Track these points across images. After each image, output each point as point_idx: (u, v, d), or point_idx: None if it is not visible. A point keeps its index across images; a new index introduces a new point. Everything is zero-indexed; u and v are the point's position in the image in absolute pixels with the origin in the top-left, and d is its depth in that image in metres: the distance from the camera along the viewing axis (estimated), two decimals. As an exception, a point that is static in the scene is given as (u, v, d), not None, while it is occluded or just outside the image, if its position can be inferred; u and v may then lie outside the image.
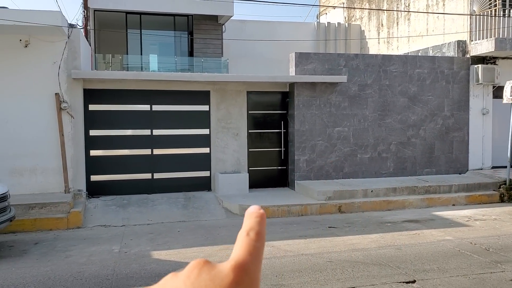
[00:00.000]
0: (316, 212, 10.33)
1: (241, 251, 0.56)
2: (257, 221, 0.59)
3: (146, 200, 11.00)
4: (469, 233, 8.50)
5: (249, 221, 0.59)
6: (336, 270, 6.42)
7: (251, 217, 0.60)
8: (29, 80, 10.35)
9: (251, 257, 0.55)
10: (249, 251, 0.56)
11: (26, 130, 10.35)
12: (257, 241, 0.57)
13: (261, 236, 0.58)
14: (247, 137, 12.19)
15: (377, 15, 18.32)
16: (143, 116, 11.56)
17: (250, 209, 0.61)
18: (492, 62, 13.33)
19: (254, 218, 0.60)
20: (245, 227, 0.59)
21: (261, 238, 0.58)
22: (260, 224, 0.59)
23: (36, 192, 10.34)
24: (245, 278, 0.53)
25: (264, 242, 0.58)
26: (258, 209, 0.61)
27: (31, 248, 7.88)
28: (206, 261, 0.54)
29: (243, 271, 0.53)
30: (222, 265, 0.54)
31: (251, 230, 0.58)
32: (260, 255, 0.57)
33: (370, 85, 12.40)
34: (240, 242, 0.57)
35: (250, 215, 0.60)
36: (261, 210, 0.61)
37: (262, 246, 0.57)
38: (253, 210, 0.61)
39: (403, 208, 10.81)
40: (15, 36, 10.22)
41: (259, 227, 0.58)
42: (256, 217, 0.60)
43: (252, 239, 0.57)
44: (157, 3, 14.81)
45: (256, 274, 0.55)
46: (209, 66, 15.21)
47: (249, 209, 0.62)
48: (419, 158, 12.88)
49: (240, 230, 0.59)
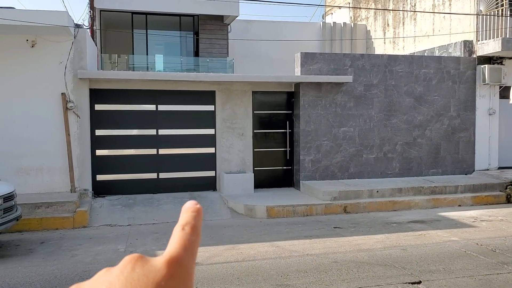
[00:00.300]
0: (322, 212, 10.31)
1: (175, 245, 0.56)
2: (193, 215, 0.60)
3: (151, 199, 11.03)
4: (475, 234, 8.45)
5: (185, 216, 0.60)
6: (342, 271, 6.41)
7: (187, 212, 0.60)
8: (35, 80, 10.41)
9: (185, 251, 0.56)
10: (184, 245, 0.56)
11: (33, 130, 10.40)
12: (192, 235, 0.58)
13: (196, 230, 0.58)
14: (253, 137, 12.19)
15: (383, 15, 18.27)
16: (148, 116, 11.59)
17: (186, 204, 0.62)
18: (499, 62, 13.26)
19: (190, 212, 0.60)
20: (181, 221, 0.59)
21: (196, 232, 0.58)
22: (195, 219, 0.59)
23: (42, 192, 10.39)
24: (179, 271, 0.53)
25: (200, 236, 0.59)
26: (194, 204, 0.61)
27: (37, 247, 7.92)
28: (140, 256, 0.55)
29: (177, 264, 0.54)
30: (156, 259, 0.54)
31: (186, 225, 0.58)
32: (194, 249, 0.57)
33: (376, 85, 12.37)
34: (175, 236, 0.57)
35: (186, 210, 0.61)
36: (198, 205, 0.61)
37: (197, 240, 0.58)
38: (190, 205, 0.61)
39: (408, 208, 10.78)
40: (22, 36, 10.28)
41: (195, 221, 0.59)
42: (192, 211, 0.60)
43: (187, 233, 0.57)
44: (162, 3, 14.85)
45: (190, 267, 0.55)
46: (214, 66, 15.23)
47: (186, 204, 0.62)
48: (425, 159, 12.83)
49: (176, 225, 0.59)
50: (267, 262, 6.84)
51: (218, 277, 6.17)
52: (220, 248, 7.67)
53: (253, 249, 7.52)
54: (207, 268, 6.57)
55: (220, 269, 6.50)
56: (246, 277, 6.17)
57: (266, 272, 6.38)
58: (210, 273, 6.35)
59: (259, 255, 7.21)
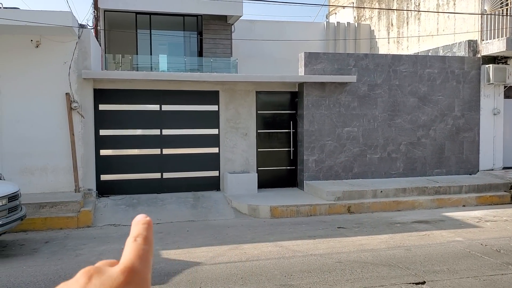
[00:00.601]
0: (325, 212, 10.30)
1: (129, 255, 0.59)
2: (144, 227, 0.63)
3: (155, 199, 11.04)
4: (479, 234, 8.43)
5: (136, 228, 0.63)
6: (345, 271, 6.40)
7: (138, 224, 0.64)
8: (40, 80, 10.44)
9: (139, 259, 0.59)
10: (138, 255, 0.59)
11: (37, 130, 10.44)
12: (144, 245, 0.61)
13: (148, 241, 0.62)
14: (256, 137, 12.19)
15: (387, 15, 18.23)
16: (152, 116, 11.61)
17: (137, 218, 0.65)
18: (504, 62, 13.21)
19: (141, 225, 0.64)
20: (133, 233, 0.62)
21: (148, 242, 0.61)
22: (146, 230, 0.63)
23: (47, 191, 10.42)
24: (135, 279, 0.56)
25: (152, 246, 0.62)
26: (144, 217, 0.65)
27: (41, 246, 7.94)
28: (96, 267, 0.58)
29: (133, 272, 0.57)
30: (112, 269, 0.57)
31: (138, 236, 0.62)
32: (148, 257, 0.60)
33: (379, 85, 12.34)
34: (128, 247, 0.60)
35: (137, 223, 0.64)
36: (148, 218, 0.65)
37: (150, 249, 0.61)
38: (140, 219, 0.65)
39: (412, 208, 10.75)
40: (27, 37, 10.31)
41: (146, 233, 0.62)
42: (143, 224, 0.64)
43: (139, 243, 0.61)
44: (166, 3, 14.87)
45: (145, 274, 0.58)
46: (218, 66, 15.23)
47: (136, 217, 0.65)
48: (429, 159, 12.80)
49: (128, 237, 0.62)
50: (271, 262, 6.84)
51: (222, 277, 6.17)
52: (224, 248, 7.67)
53: (256, 249, 7.52)
54: (211, 268, 6.58)
55: (224, 269, 6.51)
56: (250, 277, 6.17)
57: (270, 272, 6.37)
58: (214, 273, 6.35)
59: (263, 255, 7.21)
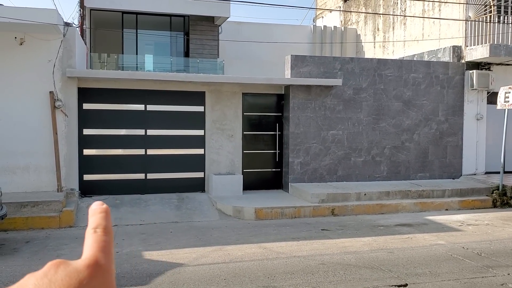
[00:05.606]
0: (310, 214, 10.33)
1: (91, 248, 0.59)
2: (102, 216, 0.62)
3: (139, 200, 10.96)
4: (461, 237, 8.52)
5: (94, 218, 0.62)
6: (328, 273, 6.42)
7: (96, 214, 0.62)
8: (23, 78, 10.30)
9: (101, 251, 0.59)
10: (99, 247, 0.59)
11: (20, 128, 10.29)
12: (105, 236, 0.60)
13: (108, 231, 0.61)
14: (242, 138, 12.17)
15: (373, 19, 18.37)
16: (137, 116, 11.53)
17: (93, 206, 0.64)
18: (487, 68, 13.40)
19: (98, 214, 0.62)
20: (91, 224, 0.61)
21: (108, 233, 0.61)
22: (105, 219, 0.62)
23: (29, 191, 10.28)
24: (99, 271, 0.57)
25: (112, 235, 0.61)
26: (101, 205, 0.64)
27: (22, 246, 7.83)
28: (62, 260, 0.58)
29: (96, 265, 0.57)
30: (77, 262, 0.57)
31: (97, 227, 0.61)
32: (110, 249, 0.60)
33: (365, 89, 12.43)
34: (89, 240, 0.60)
35: (94, 211, 0.63)
36: (104, 205, 0.63)
37: (111, 240, 0.61)
38: (96, 207, 0.63)
39: (396, 212, 10.83)
40: (10, 34, 10.17)
41: (105, 222, 0.62)
42: (100, 212, 0.62)
43: (99, 235, 0.60)
44: (153, 3, 14.80)
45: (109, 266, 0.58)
46: (204, 67, 15.20)
47: (92, 205, 0.64)
48: (413, 163, 12.91)
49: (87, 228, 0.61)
50: (254, 263, 6.83)
51: (205, 278, 6.14)
52: (208, 249, 7.64)
53: (240, 251, 7.50)
54: (194, 269, 6.55)
55: (207, 270, 6.48)
56: (233, 278, 6.15)
57: (253, 273, 6.36)
58: (196, 274, 6.32)
59: (247, 256, 7.19)
